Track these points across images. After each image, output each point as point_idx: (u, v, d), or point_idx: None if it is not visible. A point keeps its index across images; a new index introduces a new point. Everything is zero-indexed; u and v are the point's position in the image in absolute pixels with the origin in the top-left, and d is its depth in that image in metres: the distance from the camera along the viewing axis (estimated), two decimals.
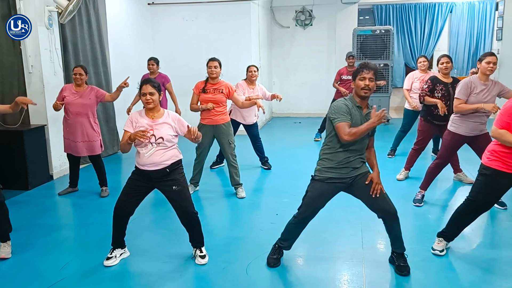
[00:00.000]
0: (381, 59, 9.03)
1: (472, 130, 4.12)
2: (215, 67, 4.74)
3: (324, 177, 3.04)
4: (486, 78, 3.96)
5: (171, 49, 8.53)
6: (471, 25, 10.27)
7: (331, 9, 9.75)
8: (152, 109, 3.20)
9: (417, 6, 10.28)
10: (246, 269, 3.25)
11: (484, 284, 3.03)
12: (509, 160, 3.02)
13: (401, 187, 5.08)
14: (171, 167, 3.19)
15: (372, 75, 2.91)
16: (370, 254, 3.44)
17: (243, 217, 4.40)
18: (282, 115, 10.53)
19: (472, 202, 3.24)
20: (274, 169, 5.97)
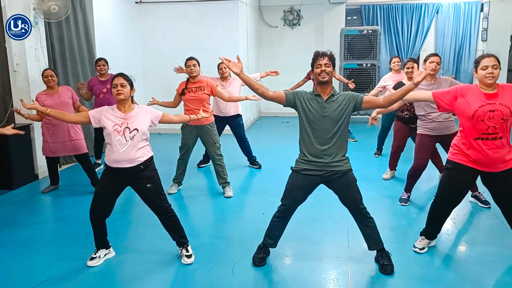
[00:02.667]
0: (368, 59, 9.09)
1: (438, 129, 4.17)
2: (194, 66, 4.74)
3: (300, 168, 3.10)
4: (431, 77, 4.08)
5: (159, 48, 8.49)
6: (457, 26, 10.39)
7: (319, 9, 9.79)
8: (123, 102, 3.19)
9: (404, 6, 10.36)
10: (232, 269, 3.26)
11: (466, 283, 3.08)
12: (465, 154, 3.10)
13: (387, 187, 5.13)
14: (145, 164, 3.18)
15: (328, 61, 2.98)
16: (356, 253, 3.47)
17: (230, 216, 4.40)
18: (270, 115, 10.55)
19: (440, 197, 3.33)
20: (262, 169, 5.99)
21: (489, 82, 3.00)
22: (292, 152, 3.21)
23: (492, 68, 2.98)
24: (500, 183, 3.15)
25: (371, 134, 7.71)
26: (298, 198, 3.17)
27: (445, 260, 3.39)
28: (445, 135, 4.18)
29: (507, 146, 3.06)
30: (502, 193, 3.21)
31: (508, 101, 2.97)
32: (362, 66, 9.07)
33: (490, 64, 2.99)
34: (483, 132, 3.00)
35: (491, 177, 3.15)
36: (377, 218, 3.26)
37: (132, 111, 3.20)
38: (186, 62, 4.81)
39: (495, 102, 2.98)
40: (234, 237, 3.84)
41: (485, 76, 2.99)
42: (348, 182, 3.09)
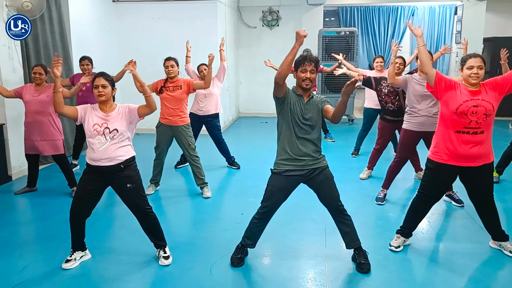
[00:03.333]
0: (345, 60, 9.16)
1: (422, 125, 4.27)
2: (172, 67, 4.71)
3: (282, 170, 3.10)
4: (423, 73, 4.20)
5: (137, 48, 8.39)
6: (432, 28, 10.61)
7: (297, 10, 9.85)
8: (105, 102, 3.16)
9: (380, 8, 10.53)
10: (211, 269, 3.25)
11: (440, 281, 3.14)
12: (445, 150, 3.19)
13: (364, 186, 5.19)
14: (126, 163, 3.15)
15: (313, 67, 3.00)
16: (334, 252, 3.50)
17: (208, 217, 4.38)
18: (249, 115, 10.56)
19: (422, 194, 3.42)
20: (240, 169, 5.99)
21: (473, 82, 3.12)
22: (272, 153, 3.23)
23: (477, 68, 3.10)
24: (478, 178, 3.27)
25: (349, 135, 7.80)
26: (279, 200, 3.19)
27: (421, 258, 3.45)
28: (430, 132, 4.26)
29: (487, 141, 3.18)
30: (478, 187, 3.32)
31: (491, 97, 3.10)
32: (340, 67, 9.14)
33: (476, 65, 3.10)
34: (465, 126, 3.11)
35: (470, 172, 3.24)
36: (354, 217, 3.31)
37: (113, 111, 3.17)
38: (164, 63, 4.77)
39: (479, 98, 3.09)
40: (212, 237, 3.83)
41: (470, 75, 3.11)
42: (327, 178, 3.15)
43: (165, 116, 4.77)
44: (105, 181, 3.20)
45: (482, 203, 3.40)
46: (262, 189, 3.23)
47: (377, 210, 4.46)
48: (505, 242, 3.46)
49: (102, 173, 3.13)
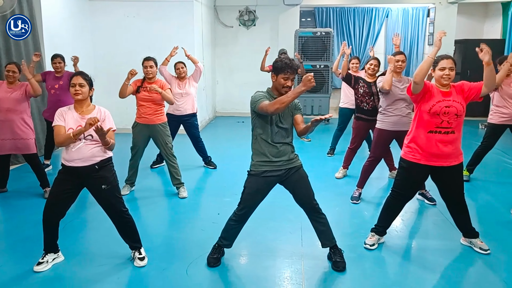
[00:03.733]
0: (321, 60, 9.27)
1: (395, 125, 4.37)
2: (151, 67, 4.67)
3: (259, 171, 3.11)
4: (398, 74, 4.36)
5: (111, 46, 8.27)
6: (406, 30, 10.81)
7: (274, 10, 9.88)
8: (81, 103, 3.09)
9: (355, 10, 10.66)
10: (187, 270, 3.23)
11: (413, 277, 3.21)
12: (417, 150, 3.27)
13: (339, 185, 5.25)
14: (100, 164, 3.10)
15: (294, 76, 3.03)
16: (309, 251, 3.53)
17: (184, 217, 4.35)
18: (226, 115, 10.54)
19: (395, 193, 3.49)
20: (217, 169, 5.97)
21: (445, 83, 3.22)
22: (248, 152, 3.23)
23: (449, 70, 3.20)
24: (449, 177, 3.35)
25: (324, 135, 7.88)
26: (257, 201, 3.20)
27: (395, 255, 3.52)
28: (402, 131, 4.36)
29: (458, 142, 3.28)
30: (450, 187, 3.41)
31: (460, 99, 3.21)
32: (316, 67, 9.24)
33: (448, 66, 3.20)
34: (437, 126, 3.20)
35: (441, 172, 3.32)
36: (329, 216, 3.34)
37: (89, 113, 3.10)
38: (143, 62, 4.71)
39: (450, 99, 3.19)
40: (189, 238, 3.80)
41: (442, 76, 3.21)
42: (302, 177, 3.19)
43: (142, 115, 4.72)
44: (80, 182, 3.14)
45: (454, 202, 3.49)
46: (238, 189, 3.23)
47: (352, 208, 4.52)
48: (475, 239, 3.55)
49: (77, 174, 3.07)
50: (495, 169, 5.96)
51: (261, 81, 10.29)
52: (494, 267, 3.30)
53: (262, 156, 3.10)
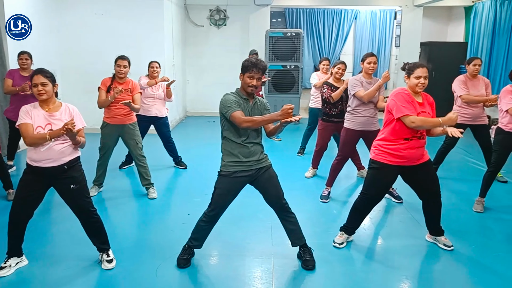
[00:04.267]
0: (291, 60, 9.34)
1: (363, 125, 4.49)
2: (124, 67, 4.58)
3: (230, 171, 3.11)
4: (369, 76, 4.48)
5: (79, 44, 8.08)
6: (373, 32, 11.02)
7: (245, 10, 9.89)
8: (46, 101, 3.02)
9: (325, 11, 10.80)
10: (156, 271, 3.20)
11: (380, 274, 3.29)
12: (392, 152, 3.34)
13: (309, 184, 5.31)
14: (69, 164, 3.03)
15: (260, 75, 3.05)
16: (279, 251, 3.56)
17: (154, 218, 4.31)
18: (196, 114, 10.47)
19: (365, 195, 3.55)
20: (187, 169, 5.93)
21: (419, 91, 3.33)
22: (219, 152, 3.22)
23: (424, 78, 3.29)
24: (423, 173, 3.45)
25: (294, 134, 7.95)
26: (227, 202, 3.20)
27: (363, 253, 3.59)
28: (369, 131, 4.50)
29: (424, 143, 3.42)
30: (423, 183, 3.50)
31: (430, 109, 3.36)
32: (286, 67, 9.31)
33: (423, 75, 3.28)
34: (413, 135, 3.31)
35: (412, 171, 3.41)
36: (299, 215, 3.38)
37: (57, 111, 3.03)
38: (117, 60, 4.61)
39: (425, 111, 3.31)
40: (158, 239, 3.77)
41: (417, 85, 3.29)
42: (271, 176, 3.21)
43: (113, 116, 4.64)
44: (48, 182, 3.06)
45: (432, 197, 3.54)
46: (209, 189, 3.23)
47: (321, 207, 4.58)
48: (440, 237, 3.67)
49: (44, 174, 3.00)
50: (458, 167, 6.16)
51: (232, 81, 10.31)
52: (457, 263, 3.42)
53: (233, 156, 3.11)
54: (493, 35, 8.60)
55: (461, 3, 9.64)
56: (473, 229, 4.08)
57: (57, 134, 2.88)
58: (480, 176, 4.63)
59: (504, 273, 3.27)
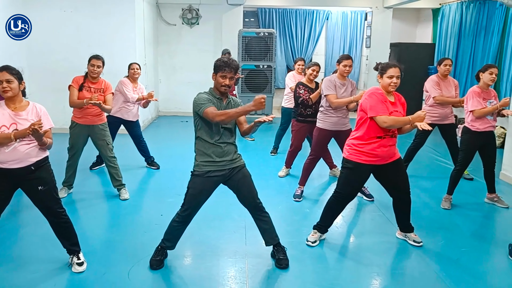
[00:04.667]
0: (264, 60, 9.37)
1: (335, 125, 4.56)
2: (98, 67, 4.49)
3: (203, 171, 3.10)
4: (343, 78, 4.54)
5: (47, 42, 7.86)
6: (345, 32, 11.17)
7: (218, 9, 9.85)
8: (12, 99, 2.93)
9: (297, 11, 10.87)
10: (128, 273, 3.15)
11: (352, 271, 3.35)
12: (366, 151, 3.40)
13: (282, 184, 5.34)
14: (37, 165, 2.95)
15: (233, 74, 3.05)
16: (253, 250, 3.56)
17: (126, 219, 4.24)
18: (169, 114, 10.37)
19: (339, 194, 3.60)
20: (160, 169, 5.86)
21: (391, 90, 3.39)
22: (192, 152, 3.20)
23: (396, 78, 3.35)
24: (394, 171, 3.52)
25: (267, 134, 7.97)
26: (201, 202, 3.18)
27: (335, 251, 3.64)
28: (341, 131, 4.59)
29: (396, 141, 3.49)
30: (394, 180, 3.58)
31: (401, 109, 3.44)
32: (259, 67, 9.33)
33: (395, 74, 3.35)
34: (386, 133, 3.37)
35: (384, 169, 3.48)
36: (272, 214, 3.39)
37: (23, 110, 2.93)
38: (90, 60, 4.51)
39: (397, 110, 3.39)
40: (131, 240, 3.72)
41: (390, 84, 3.36)
42: (245, 176, 3.22)
43: (82, 115, 4.54)
44: (15, 183, 2.98)
45: (402, 194, 3.61)
46: (182, 189, 3.20)
47: (294, 206, 4.61)
48: (410, 233, 3.75)
49: (11, 176, 2.91)
50: (426, 165, 6.32)
51: (205, 81, 10.25)
52: (426, 259, 3.51)
53: (206, 156, 3.09)
54: (459, 36, 8.86)
55: (429, 5, 9.89)
56: (442, 225, 4.19)
57: (22, 134, 2.81)
58: (447, 174, 4.77)
59: (472, 268, 3.38)
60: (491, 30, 7.95)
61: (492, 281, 3.23)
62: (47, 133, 2.97)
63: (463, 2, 8.68)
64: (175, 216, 3.22)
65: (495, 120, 4.43)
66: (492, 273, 3.37)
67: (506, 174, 5.58)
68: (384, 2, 9.98)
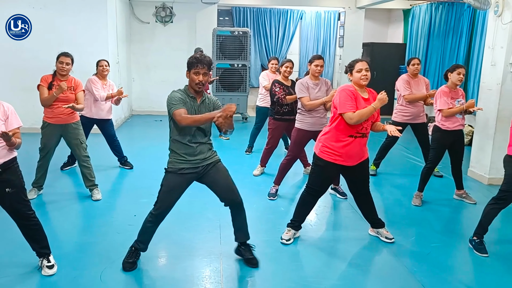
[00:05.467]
0: (239, 59, 9.37)
1: (313, 125, 4.58)
2: (67, 64, 4.40)
3: (176, 168, 3.08)
4: (315, 78, 4.55)
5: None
6: (318, 32, 11.28)
7: (191, 8, 9.79)
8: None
9: (271, 11, 10.91)
10: (100, 276, 3.10)
11: (326, 268, 3.38)
12: (337, 152, 3.43)
13: (257, 182, 5.35)
14: (4, 166, 2.87)
15: (206, 70, 3.02)
16: (228, 249, 3.54)
17: (98, 221, 4.16)
18: (142, 113, 10.25)
19: (310, 189, 3.64)
20: (133, 169, 5.79)
21: (363, 83, 3.39)
22: (166, 152, 3.17)
23: (365, 70, 3.37)
24: (359, 172, 3.57)
25: (242, 133, 7.97)
26: (173, 200, 3.14)
27: (309, 248, 3.67)
28: (319, 131, 4.55)
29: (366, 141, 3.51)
30: (358, 180, 3.64)
31: None
32: (234, 66, 9.32)
33: (364, 67, 3.37)
34: (357, 131, 3.39)
35: (351, 168, 3.52)
36: (248, 213, 3.39)
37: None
38: (59, 57, 4.41)
39: None
40: (103, 242, 3.65)
41: (360, 78, 3.37)
42: (220, 169, 3.19)
43: (54, 115, 4.44)
44: None
45: (361, 194, 3.73)
46: (156, 190, 3.17)
47: (269, 205, 4.63)
48: (382, 229, 3.83)
49: None
50: (398, 163, 6.45)
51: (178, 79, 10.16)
52: (398, 254, 3.58)
53: (179, 155, 3.08)
54: (429, 37, 9.07)
55: (400, 6, 10.08)
56: (413, 221, 4.28)
57: None
58: (418, 171, 4.87)
59: (442, 262, 3.47)
60: (459, 31, 8.18)
61: (459, 274, 3.33)
62: (16, 133, 2.89)
63: (433, 4, 8.88)
64: (148, 215, 3.18)
65: (463, 119, 4.56)
66: (460, 267, 3.48)
67: (473, 171, 5.74)
68: (357, 2, 10.12)
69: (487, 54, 5.55)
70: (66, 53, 4.45)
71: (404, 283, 3.18)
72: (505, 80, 5.22)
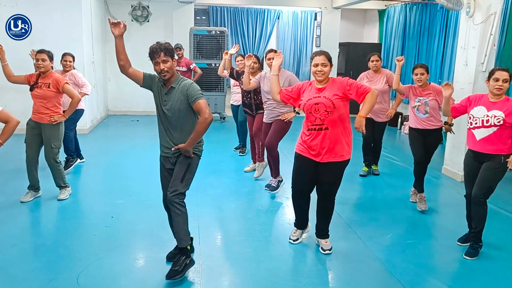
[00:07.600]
0: (216, 59, 9.33)
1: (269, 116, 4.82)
2: (43, 60, 4.31)
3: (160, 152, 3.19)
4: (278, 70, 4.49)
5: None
6: (295, 32, 11.36)
7: (168, 7, 9.71)
8: None
9: (249, 10, 10.93)
10: (77, 278, 3.05)
11: (303, 268, 3.40)
12: (301, 144, 3.40)
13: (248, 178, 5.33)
14: None
15: (164, 56, 2.97)
16: (207, 249, 3.52)
17: (74, 223, 4.07)
18: (119, 113, 10.11)
19: (292, 187, 3.61)
20: (109, 170, 5.69)
21: (318, 79, 3.28)
22: (143, 153, 3.15)
23: (321, 66, 3.24)
24: (325, 174, 3.41)
25: (220, 132, 7.95)
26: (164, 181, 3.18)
27: (288, 248, 3.68)
28: None
29: (335, 139, 3.27)
30: (323, 183, 3.46)
31: (334, 95, 3.21)
32: (211, 65, 9.29)
33: (320, 62, 3.24)
34: (313, 123, 3.28)
35: (324, 166, 3.37)
36: (227, 212, 3.38)
37: None
38: (35, 55, 4.37)
39: (320, 96, 3.24)
40: (80, 244, 3.58)
41: (315, 72, 3.28)
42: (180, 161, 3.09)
43: (33, 111, 4.42)
44: None
45: (321, 198, 3.55)
46: (132, 190, 3.16)
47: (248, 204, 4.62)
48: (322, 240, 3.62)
49: None
50: None
51: None
52: (374, 251, 3.63)
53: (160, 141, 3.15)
54: (404, 37, 9.23)
55: (375, 6, 10.23)
56: (391, 218, 4.33)
57: None
58: (396, 168, 4.94)
59: (416, 258, 3.53)
60: (433, 31, 8.35)
61: (434, 270, 3.39)
62: None
63: (407, 4, 9.05)
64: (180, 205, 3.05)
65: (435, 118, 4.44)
66: (434, 263, 3.55)
67: (447, 169, 5.87)
68: (333, 2, 10.22)
69: (459, 54, 5.69)
70: (42, 50, 4.41)
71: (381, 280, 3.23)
72: (477, 79, 5.36)
